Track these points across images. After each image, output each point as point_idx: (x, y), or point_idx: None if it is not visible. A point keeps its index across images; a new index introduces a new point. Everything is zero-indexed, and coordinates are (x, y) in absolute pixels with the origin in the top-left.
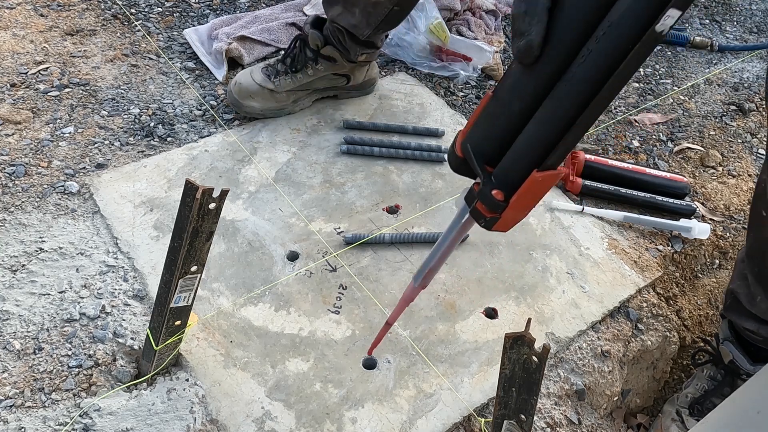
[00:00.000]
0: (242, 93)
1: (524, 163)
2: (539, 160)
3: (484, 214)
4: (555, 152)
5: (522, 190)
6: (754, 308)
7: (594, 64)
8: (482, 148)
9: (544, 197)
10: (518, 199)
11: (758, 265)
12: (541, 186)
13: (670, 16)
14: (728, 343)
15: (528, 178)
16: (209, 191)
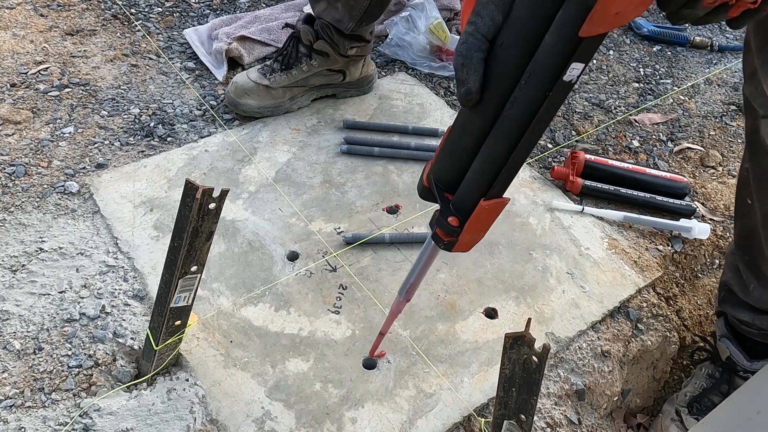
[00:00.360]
0: (238, 91)
1: (474, 193)
2: (485, 190)
3: (442, 238)
4: (497, 184)
5: (473, 217)
6: (748, 297)
7: (519, 108)
8: (443, 178)
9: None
10: (470, 225)
11: (747, 254)
12: (489, 213)
13: (575, 68)
14: (725, 340)
15: (477, 207)
16: (209, 191)
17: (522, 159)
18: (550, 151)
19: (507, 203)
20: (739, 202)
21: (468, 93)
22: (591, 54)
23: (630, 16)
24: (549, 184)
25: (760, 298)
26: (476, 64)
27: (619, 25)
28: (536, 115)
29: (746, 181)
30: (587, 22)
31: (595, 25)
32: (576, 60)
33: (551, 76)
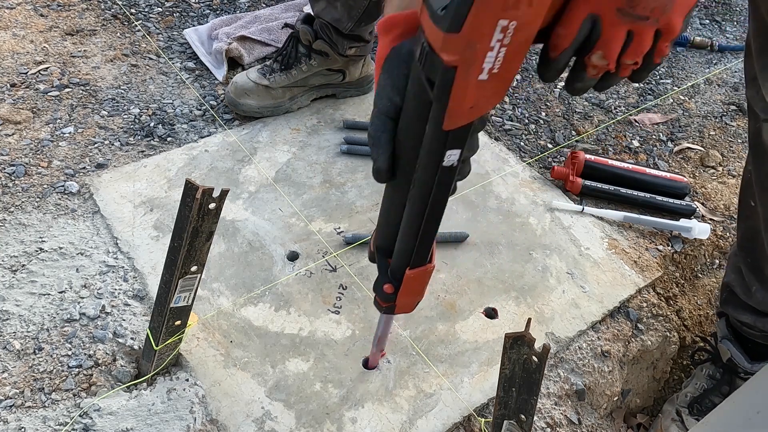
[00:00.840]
0: (238, 91)
1: (401, 262)
2: (409, 260)
3: (381, 304)
4: (415, 255)
5: (402, 285)
6: (750, 299)
7: (419, 188)
8: (383, 246)
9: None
10: (403, 292)
11: (750, 256)
12: (415, 281)
13: (452, 154)
14: (726, 342)
15: (404, 276)
16: (209, 191)
17: (430, 234)
18: (550, 151)
19: (432, 270)
20: (743, 204)
21: (378, 172)
22: (463, 141)
23: (485, 108)
24: (549, 184)
25: (763, 301)
26: (384, 145)
27: (478, 117)
28: (430, 197)
29: (749, 183)
30: (446, 118)
31: (454, 120)
32: (450, 148)
33: (434, 162)
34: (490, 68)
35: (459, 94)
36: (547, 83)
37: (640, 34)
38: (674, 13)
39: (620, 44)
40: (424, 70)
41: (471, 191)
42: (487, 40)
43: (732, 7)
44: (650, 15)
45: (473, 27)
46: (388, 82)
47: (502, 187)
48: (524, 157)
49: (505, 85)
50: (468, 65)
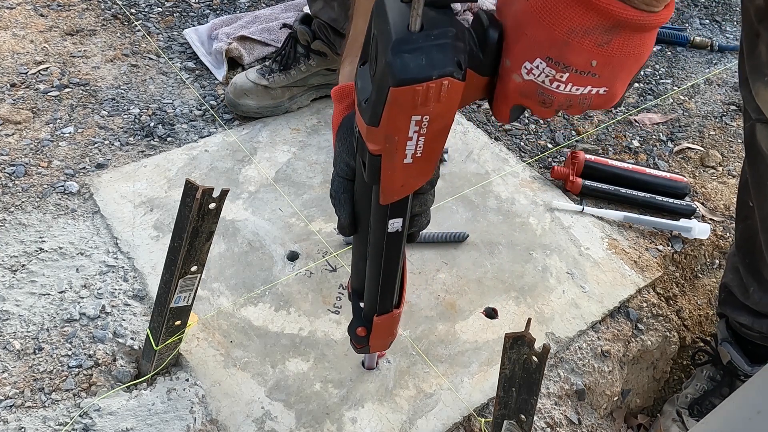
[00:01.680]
0: (237, 92)
1: (370, 309)
2: (375, 308)
3: (355, 345)
4: (380, 304)
5: (372, 330)
6: (748, 300)
7: (373, 248)
8: (357, 289)
9: (543, 197)
10: (374, 335)
11: (748, 256)
12: (384, 326)
13: (395, 222)
14: (726, 344)
15: (373, 322)
16: (209, 191)
17: (389, 287)
18: (550, 151)
19: (398, 314)
20: (740, 204)
21: (342, 228)
22: (403, 211)
23: (416, 185)
24: (549, 184)
25: (760, 301)
26: (344, 204)
27: (409, 193)
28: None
29: (746, 183)
30: (381, 195)
31: (387, 197)
32: (392, 217)
33: (381, 228)
34: (413, 153)
35: (387, 176)
36: None
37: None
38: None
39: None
40: (358, 153)
41: (471, 191)
42: (403, 132)
43: (732, 7)
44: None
45: (389, 123)
46: (343, 148)
47: (502, 187)
48: (524, 157)
49: (432, 164)
50: (390, 154)
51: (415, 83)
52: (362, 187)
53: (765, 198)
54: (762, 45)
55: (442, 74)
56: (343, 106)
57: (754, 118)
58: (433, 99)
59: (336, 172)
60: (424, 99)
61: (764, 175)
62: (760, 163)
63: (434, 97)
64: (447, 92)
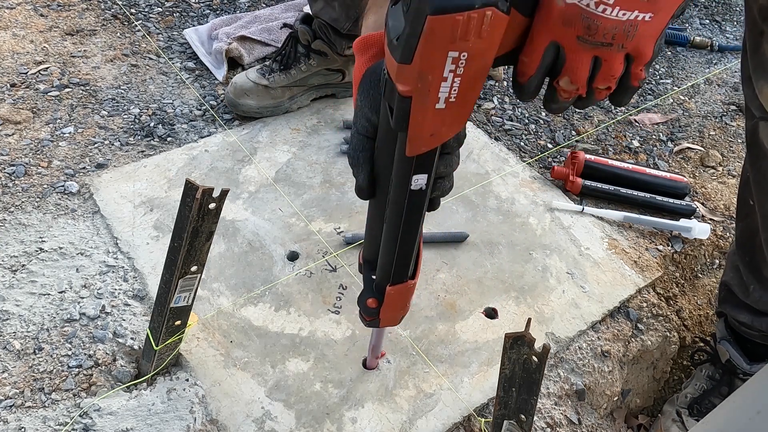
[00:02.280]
0: (238, 92)
1: (383, 278)
2: (389, 277)
3: (364, 317)
4: (394, 273)
5: (384, 302)
6: (748, 298)
7: (393, 209)
8: (369, 259)
9: (543, 197)
10: (386, 308)
11: (748, 254)
12: (397, 297)
13: (419, 179)
14: (725, 343)
15: (386, 292)
16: (209, 191)
17: (407, 253)
18: (550, 151)
19: (412, 285)
20: (741, 203)
21: (360, 189)
22: (429, 166)
23: (447, 135)
24: (549, 184)
25: (760, 299)
26: (363, 164)
27: (440, 144)
28: (402, 218)
29: (747, 181)
30: (408, 145)
31: (415, 147)
32: (416, 173)
33: (403, 185)
34: (447, 97)
35: (417, 122)
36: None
37: (607, 60)
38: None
39: (586, 70)
40: (385, 98)
41: (471, 191)
42: (438, 71)
43: (732, 7)
44: (613, 42)
45: (423, 58)
46: (365, 102)
47: (502, 187)
48: (524, 157)
49: (465, 112)
50: (422, 95)
51: (455, 11)
52: (384, 144)
53: (766, 196)
54: (766, 43)
55: (486, 3)
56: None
57: (758, 116)
58: (473, 32)
59: (356, 129)
60: (464, 31)
61: (767, 174)
62: (762, 161)
63: (475, 30)
64: (489, 25)
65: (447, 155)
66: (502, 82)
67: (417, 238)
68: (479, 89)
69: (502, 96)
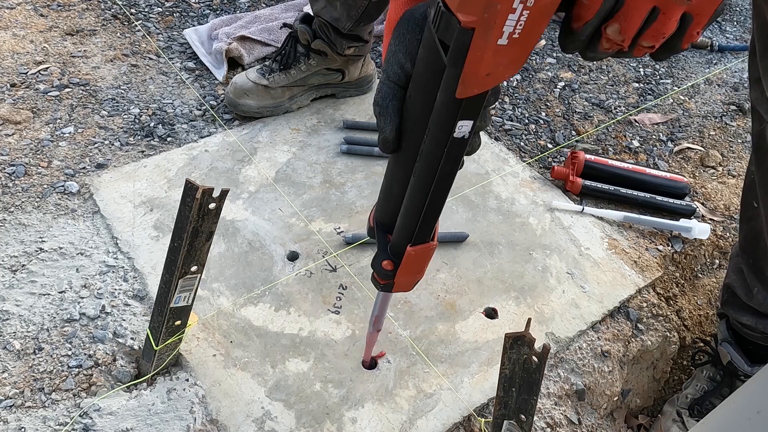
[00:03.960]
0: (237, 92)
1: (403, 238)
2: (411, 237)
3: (378, 281)
4: (418, 231)
5: (403, 262)
6: (752, 301)
7: (426, 161)
8: (383, 221)
9: (543, 197)
10: (403, 270)
11: (752, 257)
12: (417, 258)
13: (463, 125)
14: (726, 344)
15: (405, 253)
16: (209, 191)
17: (435, 210)
18: (550, 151)
19: (434, 247)
20: (745, 205)
21: (385, 141)
22: (476, 111)
23: (502, 77)
24: (549, 184)
25: (764, 302)
26: (391, 114)
27: (493, 86)
28: (438, 170)
29: (752, 184)
30: (460, 85)
31: (468, 88)
32: (462, 118)
33: (444, 133)
34: (511, 32)
35: (475, 58)
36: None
37: (665, 12)
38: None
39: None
40: (438, 33)
41: (471, 191)
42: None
43: (732, 7)
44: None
45: None
46: (400, 47)
47: (502, 187)
48: (524, 157)
49: (525, 52)
50: (487, 28)
51: None
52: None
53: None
54: None
55: None
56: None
57: (767, 119)
58: None
59: (386, 77)
60: None
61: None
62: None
63: None
64: None
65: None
66: None
67: (447, 193)
68: (543, 29)
69: (502, 96)
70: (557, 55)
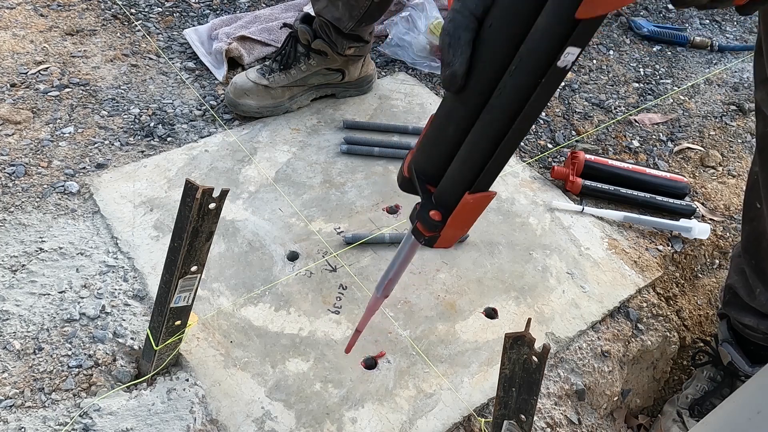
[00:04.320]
0: (237, 92)
1: (458, 185)
2: (471, 183)
3: (423, 233)
4: (483, 176)
5: (456, 211)
6: (754, 302)
7: (508, 96)
8: (425, 169)
9: (543, 197)
10: (454, 220)
11: (755, 258)
12: (473, 207)
13: (570, 53)
14: (727, 345)
15: (461, 201)
16: (209, 191)
17: (510, 151)
18: (550, 151)
19: (493, 197)
20: (748, 206)
21: (453, 76)
22: (588, 38)
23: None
24: (549, 184)
25: (766, 303)
26: (463, 45)
27: (621, 6)
28: (527, 104)
29: (755, 185)
30: (585, 2)
31: (594, 5)
32: (572, 44)
33: (544, 61)
34: None
35: None
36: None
37: None
38: None
39: None
40: None
41: None
42: None
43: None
44: None
45: None
46: None
47: (502, 187)
48: (524, 157)
49: None
50: None
51: None
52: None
53: None
54: None
55: None
56: None
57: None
58: None
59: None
60: None
61: None
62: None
63: None
64: None
65: None
66: None
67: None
68: None
69: None
70: None
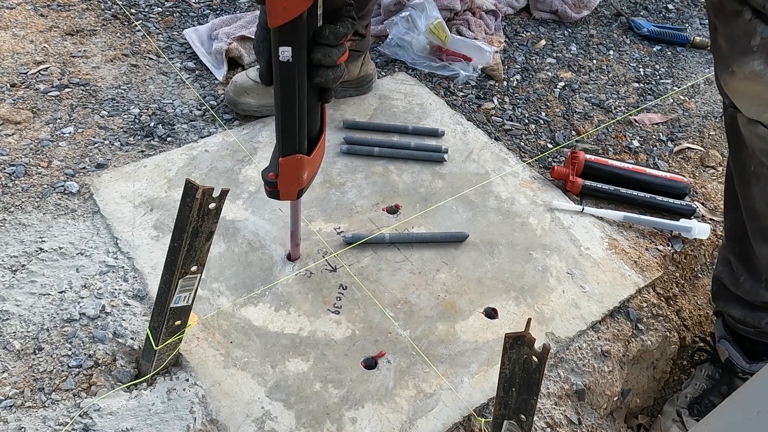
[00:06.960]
0: (238, 90)
1: (276, 153)
2: (280, 151)
3: (267, 189)
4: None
5: (279, 173)
6: (739, 290)
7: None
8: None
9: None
10: (281, 179)
11: (738, 245)
12: (287, 168)
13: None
14: (724, 341)
15: (279, 163)
16: (209, 191)
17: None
18: (550, 151)
19: (303, 160)
20: (728, 194)
21: (261, 75)
22: (290, 39)
23: (296, 10)
24: (549, 184)
25: (750, 290)
26: (263, 52)
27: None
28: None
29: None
30: (269, 17)
31: (273, 19)
32: (281, 45)
33: (275, 58)
34: None
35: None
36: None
37: None
38: None
39: None
40: None
41: (471, 191)
42: None
43: None
44: None
45: None
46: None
47: (502, 187)
48: (524, 157)
49: None
50: None
51: None
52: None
53: (748, 186)
54: (720, 38)
55: None
56: None
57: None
58: None
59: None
60: None
61: (747, 163)
62: (743, 152)
63: None
64: None
65: (323, 46)
66: (502, 82)
67: (296, 111)
68: None
69: (502, 96)
70: (557, 55)
